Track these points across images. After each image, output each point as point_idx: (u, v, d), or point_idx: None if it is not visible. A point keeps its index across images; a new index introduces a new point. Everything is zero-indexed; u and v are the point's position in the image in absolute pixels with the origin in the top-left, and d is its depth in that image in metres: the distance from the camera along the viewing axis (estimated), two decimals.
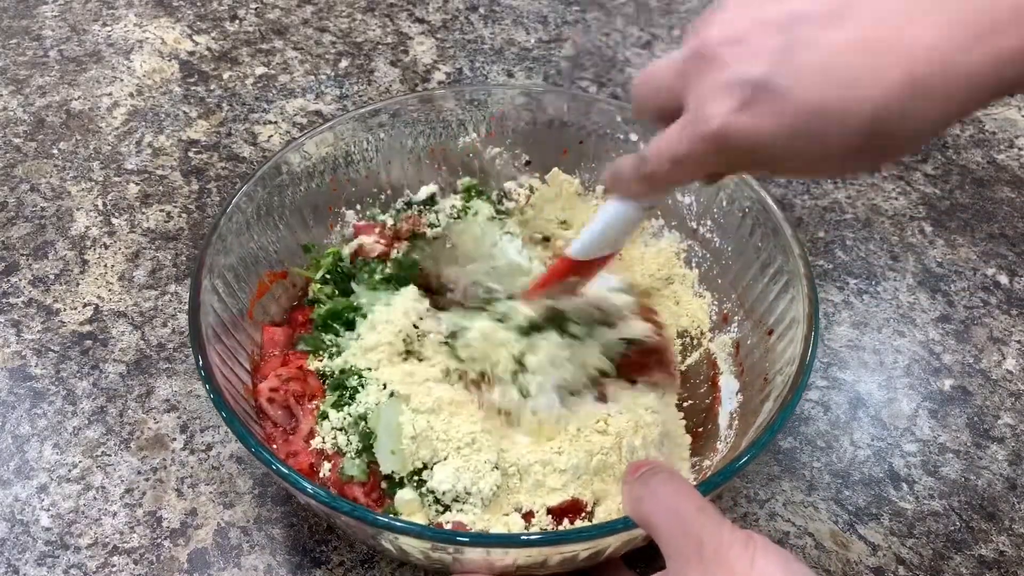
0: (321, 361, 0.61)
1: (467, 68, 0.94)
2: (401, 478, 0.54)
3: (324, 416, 0.57)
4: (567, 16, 1.02)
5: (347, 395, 0.58)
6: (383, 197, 0.71)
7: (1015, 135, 0.89)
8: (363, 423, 0.56)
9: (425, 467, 0.54)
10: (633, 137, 0.69)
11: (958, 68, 0.33)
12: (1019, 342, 0.71)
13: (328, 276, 0.66)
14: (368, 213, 0.70)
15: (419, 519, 0.53)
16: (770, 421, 0.50)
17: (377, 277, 0.65)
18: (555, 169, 0.72)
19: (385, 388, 0.57)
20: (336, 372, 0.60)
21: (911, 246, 0.78)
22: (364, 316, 0.62)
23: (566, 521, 0.53)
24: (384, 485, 0.55)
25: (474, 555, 0.46)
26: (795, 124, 0.36)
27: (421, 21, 1.01)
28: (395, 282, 0.65)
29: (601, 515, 0.54)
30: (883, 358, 0.70)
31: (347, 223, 0.70)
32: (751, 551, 0.38)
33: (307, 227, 0.67)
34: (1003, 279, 0.76)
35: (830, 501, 0.61)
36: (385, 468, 0.54)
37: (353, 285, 0.65)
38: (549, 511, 0.53)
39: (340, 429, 0.57)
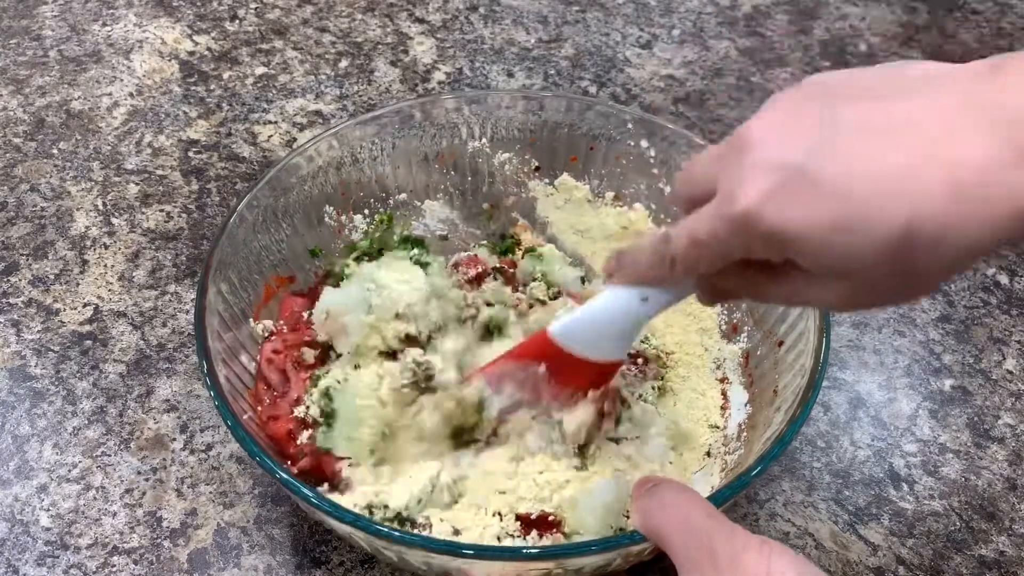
0: None
1: (467, 68, 0.94)
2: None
3: (315, 383, 0.56)
4: (567, 16, 1.02)
5: (333, 358, 0.58)
6: (391, 202, 0.71)
7: None
8: (326, 399, 0.55)
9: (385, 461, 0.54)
10: (644, 144, 0.68)
11: (1002, 184, 0.31)
12: (1019, 342, 0.71)
13: (365, 256, 0.67)
14: (376, 217, 0.70)
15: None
16: (779, 434, 0.49)
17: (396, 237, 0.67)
18: (564, 175, 0.71)
19: (358, 368, 0.56)
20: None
21: None
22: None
23: (534, 532, 0.52)
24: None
25: (481, 567, 0.46)
26: (827, 217, 0.33)
27: (421, 21, 1.01)
28: (411, 243, 0.66)
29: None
30: (883, 358, 0.70)
31: (355, 227, 0.70)
32: (766, 556, 0.37)
33: (314, 231, 0.67)
34: (1003, 279, 0.76)
35: (830, 501, 0.61)
36: (340, 452, 0.53)
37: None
38: (518, 517, 0.52)
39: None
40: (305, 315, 0.62)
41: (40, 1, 1.01)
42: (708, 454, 0.59)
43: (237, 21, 1.00)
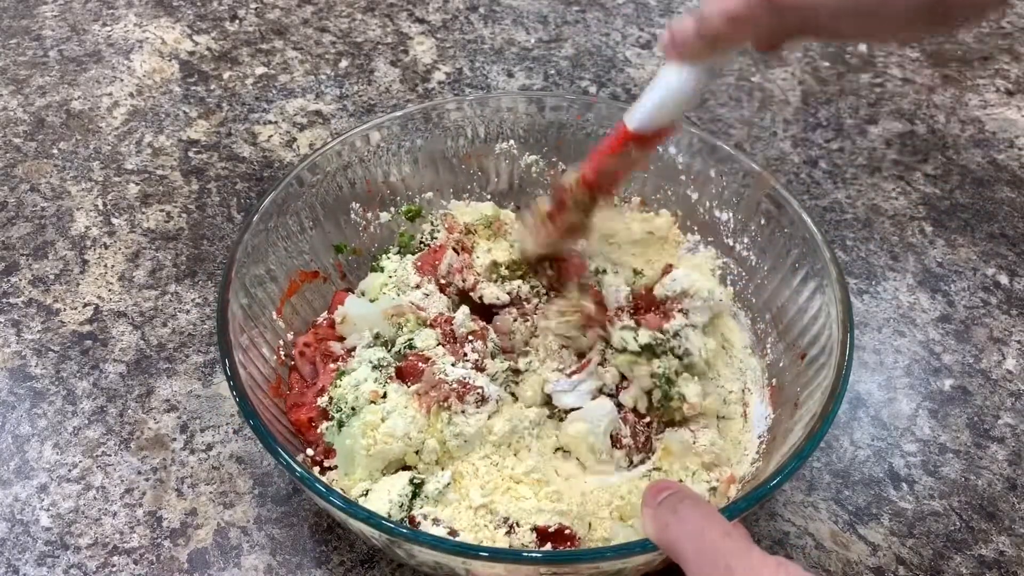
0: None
1: (467, 68, 0.94)
2: None
3: (340, 377, 0.58)
4: (567, 16, 1.02)
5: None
6: (417, 201, 0.71)
7: (1015, 135, 0.89)
8: (338, 412, 0.57)
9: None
10: (672, 150, 0.68)
11: None
12: (1019, 342, 0.71)
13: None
14: (403, 209, 0.71)
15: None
16: (798, 448, 0.49)
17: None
18: None
19: (364, 382, 0.57)
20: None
21: (911, 246, 0.78)
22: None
23: (548, 545, 0.52)
24: None
25: (484, 568, 0.46)
26: None
27: (421, 21, 1.01)
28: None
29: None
30: (883, 358, 0.70)
31: (381, 224, 0.70)
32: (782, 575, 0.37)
33: (339, 227, 0.68)
34: (1003, 279, 0.76)
35: (830, 501, 0.61)
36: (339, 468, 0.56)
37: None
38: (535, 529, 0.52)
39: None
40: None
41: (40, 1, 1.01)
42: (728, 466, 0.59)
43: (237, 21, 1.00)
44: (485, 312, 0.63)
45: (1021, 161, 0.86)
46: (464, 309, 0.61)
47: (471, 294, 0.63)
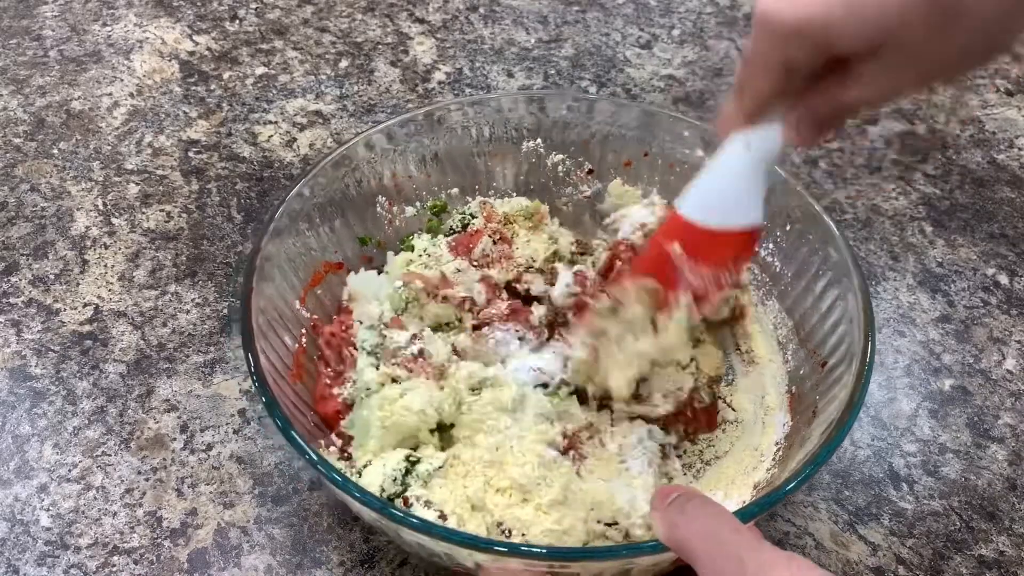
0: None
1: (467, 68, 0.94)
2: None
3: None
4: (567, 16, 1.02)
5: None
6: (444, 196, 0.72)
7: (1015, 135, 0.89)
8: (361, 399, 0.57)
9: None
10: (699, 153, 0.68)
11: None
12: (1019, 342, 0.71)
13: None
14: (429, 204, 0.71)
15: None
16: (813, 455, 0.49)
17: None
18: (616, 180, 0.71)
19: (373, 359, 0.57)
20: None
21: (911, 246, 0.78)
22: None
23: None
24: None
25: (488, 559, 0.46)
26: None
27: (421, 21, 1.01)
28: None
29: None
30: (883, 358, 0.70)
31: (407, 218, 0.70)
32: (793, 571, 0.37)
33: (365, 220, 0.68)
34: (1003, 279, 0.76)
35: (830, 501, 0.61)
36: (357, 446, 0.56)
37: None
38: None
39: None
40: None
41: (40, 1, 1.01)
42: (744, 472, 0.59)
43: (237, 21, 1.00)
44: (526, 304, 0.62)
45: (1021, 161, 0.86)
46: (478, 288, 0.61)
47: (516, 285, 0.63)
